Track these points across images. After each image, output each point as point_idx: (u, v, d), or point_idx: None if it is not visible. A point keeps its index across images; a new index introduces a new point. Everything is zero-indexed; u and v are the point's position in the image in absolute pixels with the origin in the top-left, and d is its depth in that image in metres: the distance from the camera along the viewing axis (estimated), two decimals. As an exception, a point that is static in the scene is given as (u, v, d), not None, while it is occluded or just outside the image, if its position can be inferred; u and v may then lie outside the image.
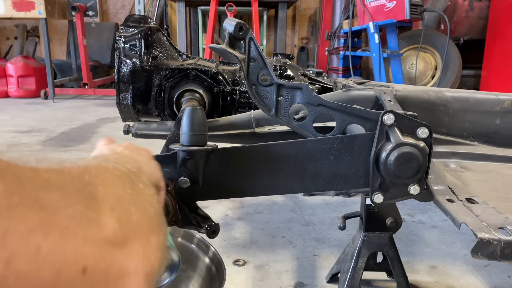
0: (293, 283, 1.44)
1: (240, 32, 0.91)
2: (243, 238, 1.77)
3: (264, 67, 0.94)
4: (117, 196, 0.38)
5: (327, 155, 0.89)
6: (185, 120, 0.87)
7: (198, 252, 1.00)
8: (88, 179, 0.36)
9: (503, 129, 1.23)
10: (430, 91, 1.25)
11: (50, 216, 0.30)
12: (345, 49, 5.04)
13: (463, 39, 5.16)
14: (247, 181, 0.93)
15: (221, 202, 2.10)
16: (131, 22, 1.36)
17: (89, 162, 0.41)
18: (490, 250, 0.69)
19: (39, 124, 4.01)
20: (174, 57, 1.41)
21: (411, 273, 1.51)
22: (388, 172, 0.84)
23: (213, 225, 0.95)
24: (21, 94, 5.71)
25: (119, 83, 1.34)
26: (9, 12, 5.17)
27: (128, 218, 0.38)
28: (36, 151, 3.04)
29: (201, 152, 0.87)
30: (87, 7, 5.48)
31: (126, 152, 0.58)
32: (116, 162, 0.47)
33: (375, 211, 1.24)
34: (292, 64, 1.49)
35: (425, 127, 0.84)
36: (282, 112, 0.96)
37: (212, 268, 0.97)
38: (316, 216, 2.00)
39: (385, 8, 4.47)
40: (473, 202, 0.84)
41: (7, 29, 7.21)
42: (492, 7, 4.92)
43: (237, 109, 1.42)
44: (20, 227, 0.28)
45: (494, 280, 1.49)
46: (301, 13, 7.35)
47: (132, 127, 1.26)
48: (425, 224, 1.93)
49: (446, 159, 1.15)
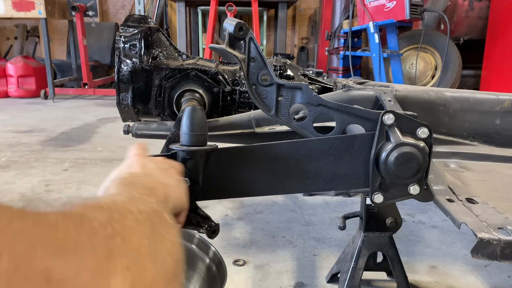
0: (293, 283, 1.44)
1: (240, 32, 0.91)
2: (243, 238, 1.77)
3: (264, 67, 0.94)
4: (136, 250, 0.38)
5: (327, 155, 0.89)
6: (185, 120, 0.87)
7: (198, 252, 1.00)
8: (110, 232, 0.36)
9: (503, 129, 1.23)
10: (430, 91, 1.25)
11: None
12: (345, 49, 5.04)
13: (463, 39, 5.16)
14: (247, 181, 0.93)
15: (221, 202, 2.10)
16: (131, 22, 1.36)
17: (116, 201, 0.41)
18: (490, 250, 0.69)
19: (39, 124, 4.01)
20: (174, 57, 1.41)
21: (411, 273, 1.51)
22: (388, 172, 0.84)
23: (213, 225, 0.95)
24: (21, 94, 5.71)
25: (119, 83, 1.33)
26: (9, 12, 5.16)
27: (143, 277, 0.37)
28: (36, 151, 3.05)
29: (201, 152, 0.87)
30: (87, 7, 5.48)
31: (156, 173, 0.60)
32: (143, 193, 0.47)
33: (375, 211, 1.24)
34: (292, 64, 1.49)
35: (425, 127, 0.84)
36: (282, 112, 0.96)
37: (213, 267, 0.97)
38: (316, 216, 2.00)
39: (385, 8, 4.47)
40: (473, 202, 0.84)
41: (7, 29, 7.21)
42: (492, 7, 4.92)
43: (237, 109, 1.42)
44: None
45: (494, 280, 1.49)
46: (301, 13, 7.35)
47: (132, 127, 1.26)
48: (425, 224, 1.93)
49: (446, 159, 1.15)
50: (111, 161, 2.83)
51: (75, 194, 2.22)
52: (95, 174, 2.55)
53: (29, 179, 2.45)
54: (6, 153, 2.99)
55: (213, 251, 0.98)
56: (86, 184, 2.37)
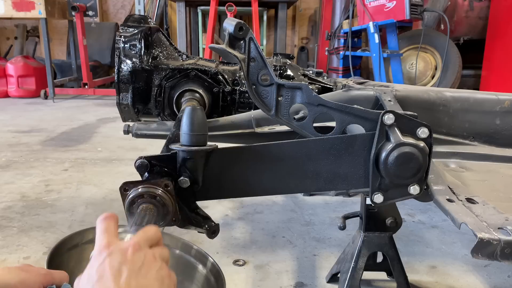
0: (293, 283, 1.44)
1: (240, 32, 0.91)
2: (243, 238, 1.77)
3: (264, 67, 0.94)
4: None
5: (327, 155, 0.89)
6: (185, 120, 0.87)
7: (195, 263, 0.99)
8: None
9: (503, 129, 1.23)
10: (430, 91, 1.25)
11: None
12: (345, 49, 5.04)
13: (463, 39, 5.16)
14: (247, 181, 0.93)
15: (221, 202, 2.10)
16: (131, 22, 1.36)
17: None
18: (490, 250, 0.69)
19: (39, 124, 4.01)
20: (174, 57, 1.41)
21: (411, 273, 1.51)
22: (388, 172, 0.84)
23: (213, 225, 0.95)
24: (21, 94, 5.71)
25: (119, 83, 1.33)
26: (9, 12, 5.16)
27: None
28: (36, 151, 3.04)
29: (201, 152, 0.87)
30: (87, 7, 5.48)
31: (133, 284, 0.53)
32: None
33: (375, 211, 1.24)
34: (292, 64, 1.49)
35: (425, 127, 0.84)
36: (282, 112, 0.96)
37: (211, 279, 0.96)
38: (316, 216, 2.00)
39: (385, 8, 4.47)
40: (473, 202, 0.84)
41: (7, 29, 7.21)
42: (492, 7, 4.92)
43: (237, 109, 1.42)
44: None
45: (494, 280, 1.49)
46: (301, 13, 7.34)
47: (132, 127, 1.26)
48: (425, 224, 1.93)
49: (446, 159, 1.15)
50: (111, 161, 2.83)
51: (75, 194, 2.22)
52: (95, 174, 2.55)
53: (29, 179, 2.45)
54: (6, 153, 2.99)
55: (211, 262, 0.98)
56: (86, 184, 2.37)
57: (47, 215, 1.96)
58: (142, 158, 0.88)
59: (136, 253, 0.58)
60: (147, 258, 0.59)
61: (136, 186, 0.85)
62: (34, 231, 1.79)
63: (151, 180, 0.87)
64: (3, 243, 1.69)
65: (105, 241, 0.59)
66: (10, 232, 1.78)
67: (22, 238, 1.73)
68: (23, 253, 1.61)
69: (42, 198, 2.17)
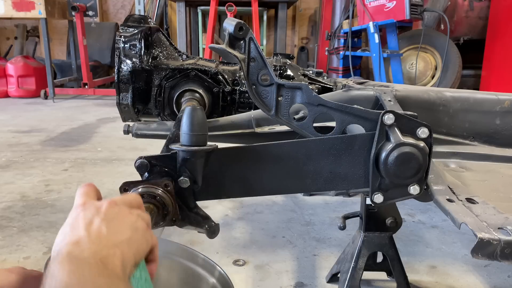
0: (293, 283, 1.44)
1: (240, 32, 0.91)
2: (243, 238, 1.77)
3: (264, 67, 0.94)
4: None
5: (327, 155, 0.89)
6: (185, 120, 0.87)
7: (202, 273, 0.98)
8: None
9: (503, 129, 1.23)
10: (430, 91, 1.25)
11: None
12: (345, 49, 5.04)
13: (463, 39, 5.16)
14: (247, 181, 0.93)
15: (221, 202, 2.10)
16: (131, 22, 1.36)
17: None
18: (490, 250, 0.69)
19: (39, 124, 4.01)
20: (174, 57, 1.41)
21: (411, 273, 1.51)
22: (388, 172, 0.84)
23: (213, 225, 0.95)
24: (21, 94, 5.71)
25: (119, 83, 1.33)
26: (9, 12, 5.17)
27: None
28: (36, 151, 3.05)
29: (201, 152, 0.87)
30: (87, 7, 5.48)
31: (104, 232, 0.53)
32: (93, 272, 0.45)
33: (375, 211, 1.24)
34: (292, 64, 1.49)
35: (425, 127, 0.84)
36: (282, 112, 0.96)
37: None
38: (316, 216, 2.00)
39: (385, 8, 4.47)
40: (473, 202, 0.84)
41: (7, 29, 7.21)
42: (492, 7, 4.92)
43: (237, 109, 1.42)
44: None
45: (494, 280, 1.49)
46: (301, 13, 7.34)
47: (132, 127, 1.26)
48: (425, 224, 1.93)
49: (446, 159, 1.15)
50: (111, 161, 2.83)
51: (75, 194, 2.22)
52: (95, 174, 2.55)
53: (29, 179, 2.45)
54: (6, 153, 2.99)
55: (219, 271, 0.97)
56: (86, 184, 2.37)
57: (47, 215, 1.96)
58: (142, 158, 0.88)
59: (110, 208, 0.57)
60: (122, 212, 0.58)
61: (136, 186, 0.85)
62: (34, 231, 1.79)
63: (151, 180, 0.87)
64: (3, 243, 1.69)
65: (81, 200, 0.60)
66: (10, 232, 1.78)
67: (22, 238, 1.73)
68: (23, 253, 1.61)
69: (42, 198, 2.17)
